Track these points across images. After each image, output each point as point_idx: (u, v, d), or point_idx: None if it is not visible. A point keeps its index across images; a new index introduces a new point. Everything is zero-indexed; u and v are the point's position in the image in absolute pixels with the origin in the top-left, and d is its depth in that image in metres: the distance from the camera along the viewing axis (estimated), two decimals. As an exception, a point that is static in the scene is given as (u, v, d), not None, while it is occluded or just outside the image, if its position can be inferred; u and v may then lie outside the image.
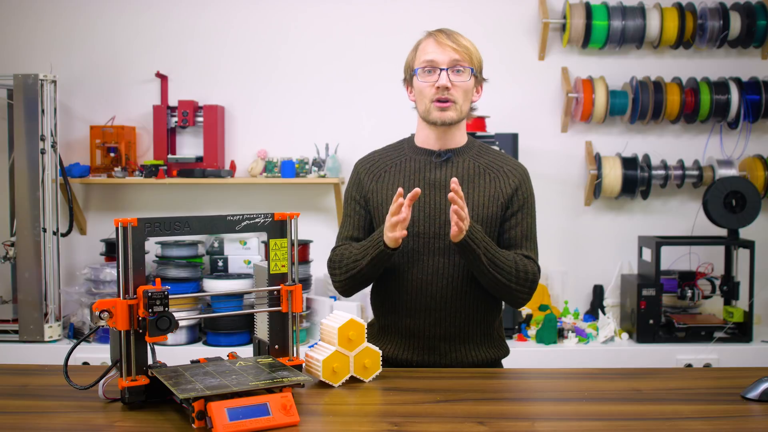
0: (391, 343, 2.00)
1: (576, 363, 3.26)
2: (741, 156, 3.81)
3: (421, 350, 1.97)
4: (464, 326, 1.96)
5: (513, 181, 1.97)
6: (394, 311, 1.98)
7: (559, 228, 3.85)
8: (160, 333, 1.49)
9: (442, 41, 1.91)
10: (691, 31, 3.70)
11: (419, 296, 1.94)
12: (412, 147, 2.03)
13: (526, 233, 1.96)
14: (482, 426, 1.43)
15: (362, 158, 2.09)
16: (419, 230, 1.93)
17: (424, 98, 1.94)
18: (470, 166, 1.98)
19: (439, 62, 1.91)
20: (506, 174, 1.98)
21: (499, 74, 3.86)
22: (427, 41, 1.95)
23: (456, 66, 1.91)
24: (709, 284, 3.58)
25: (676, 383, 1.75)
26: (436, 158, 1.98)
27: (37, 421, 1.47)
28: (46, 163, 3.42)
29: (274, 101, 3.88)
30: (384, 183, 2.00)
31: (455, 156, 1.98)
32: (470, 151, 2.00)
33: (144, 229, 1.54)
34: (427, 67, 1.92)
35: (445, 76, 1.90)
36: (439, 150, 1.99)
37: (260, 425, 1.39)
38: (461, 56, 1.91)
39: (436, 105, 1.92)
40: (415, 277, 1.94)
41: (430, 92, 1.92)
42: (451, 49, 1.90)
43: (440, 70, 1.90)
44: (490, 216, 1.94)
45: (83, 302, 3.52)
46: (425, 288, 1.93)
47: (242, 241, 3.64)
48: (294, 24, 3.86)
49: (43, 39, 3.87)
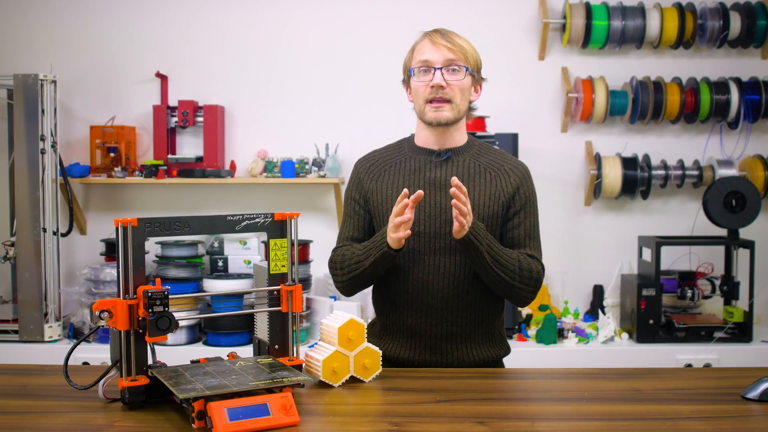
0: (393, 342, 2.00)
1: (576, 363, 3.26)
2: (741, 156, 3.81)
3: (423, 349, 1.97)
4: (466, 325, 1.96)
5: (514, 179, 1.97)
6: (396, 310, 1.98)
7: (559, 228, 3.85)
8: (160, 333, 1.49)
9: (436, 41, 1.92)
10: (691, 31, 3.70)
11: (421, 296, 1.94)
12: (412, 146, 2.03)
13: (529, 232, 1.96)
14: (482, 426, 1.43)
15: (362, 158, 2.09)
16: (420, 230, 1.93)
17: (419, 98, 1.95)
18: (471, 166, 1.98)
19: (434, 62, 1.91)
20: (507, 173, 1.98)
21: (499, 74, 3.87)
22: (422, 41, 1.96)
23: (451, 65, 1.91)
24: (709, 284, 3.58)
25: (676, 383, 1.75)
26: (436, 158, 1.98)
27: (37, 421, 1.47)
28: (46, 163, 3.42)
29: (274, 101, 3.88)
30: (384, 182, 2.00)
31: (455, 155, 1.98)
32: (470, 150, 2.00)
33: (144, 229, 1.54)
34: (423, 66, 1.92)
35: (440, 75, 1.90)
36: (438, 149, 1.99)
37: (260, 425, 1.39)
38: (456, 55, 1.91)
39: (431, 105, 1.92)
40: (416, 276, 1.94)
41: (425, 92, 1.92)
42: (445, 48, 1.91)
43: (435, 70, 1.90)
44: (491, 215, 1.94)
45: (83, 302, 3.52)
46: (427, 287, 1.93)
47: (242, 241, 3.64)
48: (294, 24, 3.86)
49: (43, 39, 3.87)
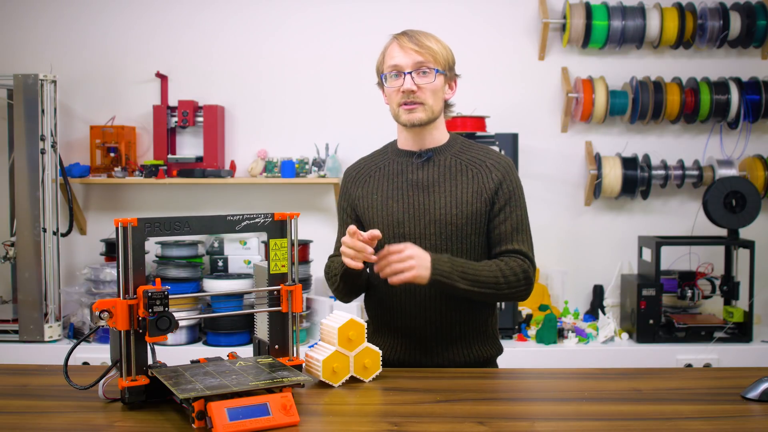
0: (384, 343, 2.00)
1: (576, 363, 3.26)
2: (741, 156, 3.81)
3: (414, 350, 1.98)
4: (456, 325, 1.96)
5: (496, 175, 1.96)
6: (386, 312, 2.00)
7: (559, 228, 3.85)
8: (160, 333, 1.49)
9: (404, 44, 1.91)
10: (691, 31, 3.70)
11: (409, 297, 1.95)
12: (394, 150, 2.05)
13: (516, 226, 1.95)
14: (482, 426, 1.43)
15: (350, 167, 2.12)
16: (405, 231, 1.94)
17: (392, 102, 1.96)
18: (452, 164, 1.98)
19: (403, 66, 1.90)
20: (489, 168, 1.97)
21: (499, 74, 3.88)
22: (391, 45, 1.95)
23: (420, 68, 1.90)
24: (709, 284, 3.58)
25: (676, 383, 1.75)
26: (417, 159, 1.99)
27: (37, 421, 1.47)
28: (46, 163, 3.42)
29: (274, 101, 3.88)
30: (369, 188, 2.02)
31: (436, 155, 1.99)
32: (452, 148, 2.00)
33: (144, 229, 1.54)
34: (393, 71, 1.92)
35: (410, 80, 1.90)
36: (419, 150, 2.00)
37: (260, 425, 1.39)
38: (425, 58, 1.90)
39: (404, 108, 1.93)
40: None
41: (397, 96, 1.93)
42: (413, 51, 1.90)
43: (405, 74, 1.90)
44: (474, 212, 1.93)
45: (83, 302, 3.52)
46: (414, 288, 1.94)
47: (242, 241, 3.64)
48: (294, 24, 3.86)
49: (43, 39, 3.87)
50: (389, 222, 1.96)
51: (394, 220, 1.95)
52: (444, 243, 1.92)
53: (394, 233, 1.94)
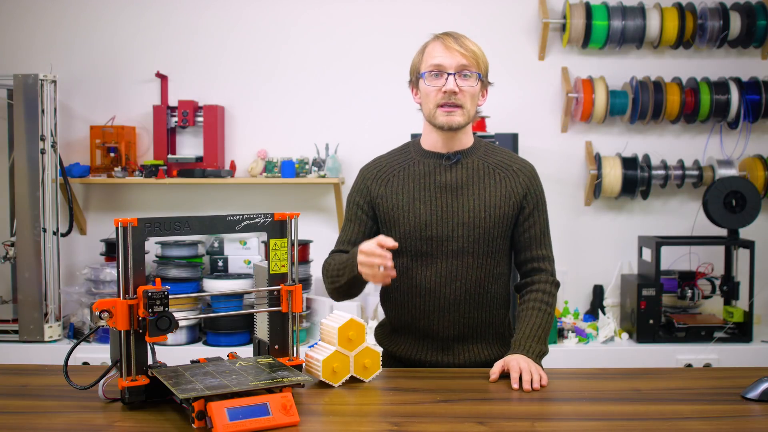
0: (405, 343, 2.00)
1: (576, 363, 3.26)
2: (741, 156, 3.81)
3: (435, 351, 1.97)
4: (477, 326, 1.97)
5: (523, 180, 1.98)
6: (407, 313, 1.98)
7: (559, 228, 3.82)
8: (160, 333, 1.49)
9: (450, 45, 1.89)
10: (691, 31, 3.70)
11: (433, 299, 1.94)
12: (419, 150, 2.01)
13: (543, 230, 1.99)
14: (482, 426, 1.43)
15: (368, 164, 2.07)
16: (432, 233, 1.92)
17: (429, 102, 1.92)
18: (480, 166, 1.97)
19: (447, 66, 1.89)
20: (515, 173, 1.98)
21: (499, 74, 3.83)
22: (434, 44, 1.93)
23: (463, 71, 1.89)
24: (709, 284, 3.58)
25: (676, 383, 1.75)
26: (446, 161, 1.96)
27: (37, 421, 1.47)
28: (46, 163, 3.42)
29: (274, 101, 3.88)
30: (393, 187, 1.98)
31: (464, 157, 1.97)
32: (478, 151, 2.00)
33: (144, 229, 1.54)
34: (434, 70, 1.90)
35: (453, 81, 1.88)
36: (447, 153, 1.98)
37: (260, 425, 1.39)
38: (469, 61, 1.89)
39: (443, 110, 1.90)
40: (428, 280, 1.93)
41: (437, 96, 1.90)
42: (459, 53, 1.88)
43: (448, 75, 1.89)
44: (503, 215, 1.94)
45: (83, 302, 3.52)
46: (438, 290, 1.93)
47: (242, 241, 3.64)
48: (294, 24, 3.86)
49: (43, 39, 3.87)
50: (416, 224, 1.93)
51: (421, 222, 1.92)
52: (471, 246, 1.91)
53: (420, 235, 1.92)
